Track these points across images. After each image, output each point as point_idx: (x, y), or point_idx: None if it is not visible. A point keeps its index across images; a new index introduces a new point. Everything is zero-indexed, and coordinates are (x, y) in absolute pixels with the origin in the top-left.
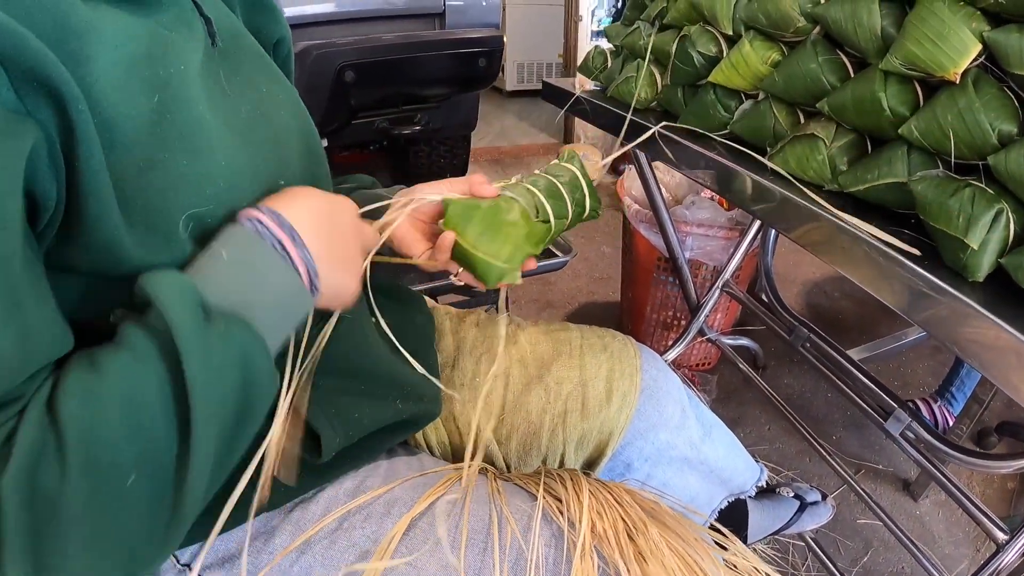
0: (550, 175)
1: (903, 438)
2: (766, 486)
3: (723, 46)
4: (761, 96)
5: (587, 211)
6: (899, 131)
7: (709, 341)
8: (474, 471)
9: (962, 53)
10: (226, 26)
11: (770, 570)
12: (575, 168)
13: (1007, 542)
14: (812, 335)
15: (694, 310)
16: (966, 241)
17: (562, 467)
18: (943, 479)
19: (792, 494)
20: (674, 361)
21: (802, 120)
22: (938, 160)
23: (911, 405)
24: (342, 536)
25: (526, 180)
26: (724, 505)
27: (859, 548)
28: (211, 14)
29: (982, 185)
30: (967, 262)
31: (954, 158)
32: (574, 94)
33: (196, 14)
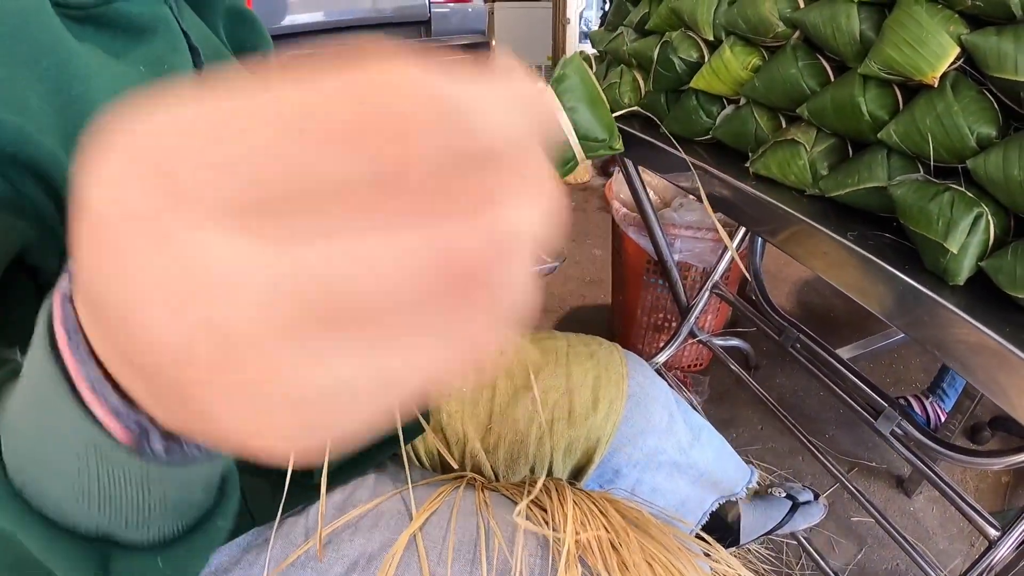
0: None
1: (894, 436)
2: (757, 487)
3: (704, 52)
4: (742, 101)
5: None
6: (878, 135)
7: (700, 343)
8: (462, 483)
9: (940, 57)
10: (210, 48)
11: None
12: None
13: (999, 538)
14: (802, 336)
15: (684, 312)
16: (946, 245)
17: (550, 475)
18: (934, 477)
19: (784, 494)
20: (666, 363)
21: (783, 125)
22: (918, 164)
23: (902, 402)
24: (331, 550)
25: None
26: (715, 507)
27: (853, 546)
28: (198, 44)
29: (961, 189)
30: (947, 266)
31: (933, 162)
32: None
33: (185, 43)
